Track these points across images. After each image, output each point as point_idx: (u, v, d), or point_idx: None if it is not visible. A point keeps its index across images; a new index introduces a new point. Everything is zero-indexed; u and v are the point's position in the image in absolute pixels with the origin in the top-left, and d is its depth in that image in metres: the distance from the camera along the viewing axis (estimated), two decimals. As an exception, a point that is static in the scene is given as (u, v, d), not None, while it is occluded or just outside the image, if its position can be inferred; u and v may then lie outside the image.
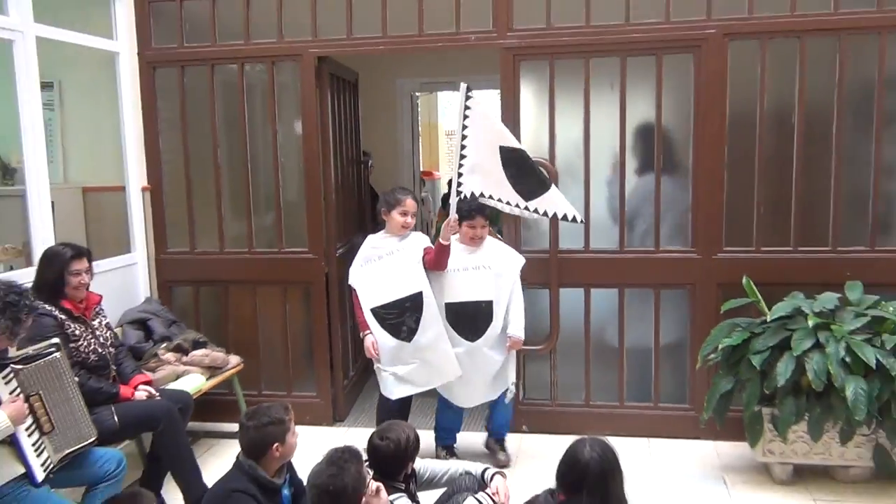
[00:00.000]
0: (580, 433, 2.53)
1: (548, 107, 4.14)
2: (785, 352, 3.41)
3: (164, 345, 4.01)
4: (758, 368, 3.42)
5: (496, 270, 3.71)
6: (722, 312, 3.78)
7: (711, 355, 3.67)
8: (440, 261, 3.61)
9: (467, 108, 3.42)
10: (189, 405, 3.58)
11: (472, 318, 3.69)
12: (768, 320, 3.53)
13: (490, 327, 3.70)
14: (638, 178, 4.15)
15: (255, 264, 4.49)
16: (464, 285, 3.69)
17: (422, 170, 7.04)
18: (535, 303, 4.15)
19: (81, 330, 3.26)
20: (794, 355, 3.35)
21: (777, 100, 3.94)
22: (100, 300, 3.45)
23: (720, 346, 3.59)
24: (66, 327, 3.19)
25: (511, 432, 4.07)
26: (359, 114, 5.22)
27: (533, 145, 4.14)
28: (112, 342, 3.46)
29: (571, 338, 4.23)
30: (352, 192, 5.06)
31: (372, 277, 3.71)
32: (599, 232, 4.16)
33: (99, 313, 3.44)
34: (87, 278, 3.30)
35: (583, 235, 4.13)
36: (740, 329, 3.62)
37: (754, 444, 3.60)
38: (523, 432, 4.26)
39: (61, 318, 3.19)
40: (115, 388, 3.29)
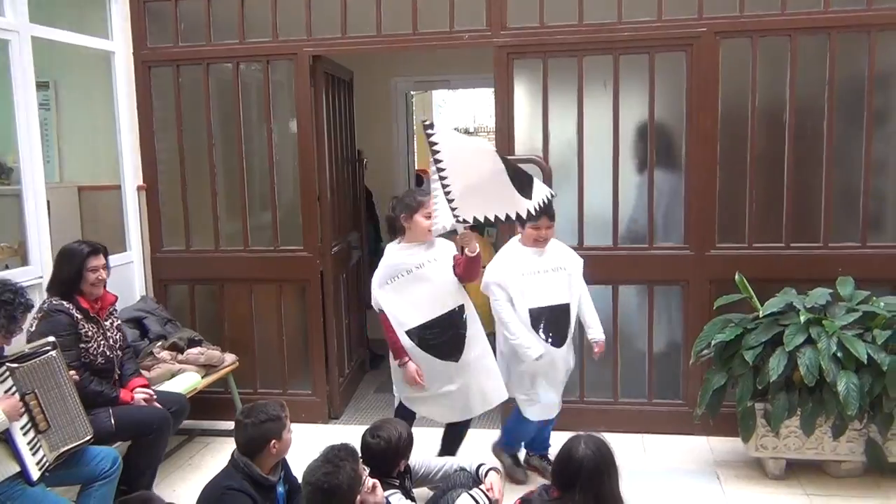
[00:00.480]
0: (575, 429, 2.55)
1: (541, 105, 4.16)
2: (777, 347, 3.43)
3: (160, 343, 4.02)
4: (750, 364, 3.45)
5: (569, 271, 3.53)
6: (715, 308, 3.80)
7: (705, 351, 3.70)
8: (471, 272, 3.31)
9: (434, 144, 3.05)
10: (184, 408, 3.58)
11: (555, 322, 3.45)
12: (761, 316, 3.55)
13: (570, 330, 3.52)
14: (631, 175, 4.17)
15: (251, 263, 4.50)
16: (545, 288, 3.44)
17: (417, 168, 7.03)
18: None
19: (94, 331, 3.27)
20: (787, 351, 3.38)
21: (769, 97, 3.96)
22: (115, 300, 3.45)
23: (713, 342, 3.62)
24: (79, 327, 3.19)
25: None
26: (353, 112, 5.24)
27: (527, 143, 4.17)
28: (121, 344, 3.45)
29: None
30: (347, 191, 5.07)
31: (404, 295, 3.32)
32: (593, 229, 4.17)
33: (112, 314, 3.43)
34: (104, 274, 3.30)
35: (577, 233, 4.15)
36: (733, 325, 3.64)
37: (747, 439, 3.62)
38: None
39: (77, 316, 3.20)
40: (114, 393, 3.29)
